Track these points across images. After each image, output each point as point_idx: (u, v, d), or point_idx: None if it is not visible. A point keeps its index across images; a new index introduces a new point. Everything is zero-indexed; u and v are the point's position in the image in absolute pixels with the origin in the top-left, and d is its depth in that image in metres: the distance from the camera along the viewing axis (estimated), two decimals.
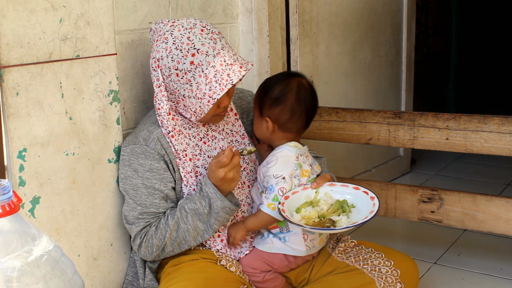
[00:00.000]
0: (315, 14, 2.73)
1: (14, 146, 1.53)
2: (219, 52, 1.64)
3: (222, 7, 2.18)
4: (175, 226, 1.68)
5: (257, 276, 1.79)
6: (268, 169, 1.73)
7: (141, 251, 1.72)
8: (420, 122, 2.12)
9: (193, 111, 1.68)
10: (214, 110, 1.70)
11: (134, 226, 1.72)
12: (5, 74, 1.49)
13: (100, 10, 1.70)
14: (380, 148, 3.21)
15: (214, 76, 1.62)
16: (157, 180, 1.70)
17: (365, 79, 3.15)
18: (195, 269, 1.69)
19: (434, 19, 4.61)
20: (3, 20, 1.48)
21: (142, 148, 1.70)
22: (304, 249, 1.78)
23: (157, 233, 1.69)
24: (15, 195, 1.01)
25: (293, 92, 1.74)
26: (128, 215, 1.73)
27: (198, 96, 1.64)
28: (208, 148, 1.79)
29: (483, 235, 2.53)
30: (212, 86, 1.62)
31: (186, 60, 1.63)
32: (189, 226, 1.68)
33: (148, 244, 1.70)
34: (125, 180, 1.73)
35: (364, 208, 1.69)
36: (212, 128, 1.80)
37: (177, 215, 1.68)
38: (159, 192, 1.71)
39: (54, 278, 1.00)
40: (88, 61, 1.68)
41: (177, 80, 1.65)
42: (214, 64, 1.62)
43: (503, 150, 1.99)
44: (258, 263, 1.79)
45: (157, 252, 1.71)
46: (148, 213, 1.70)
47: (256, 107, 1.79)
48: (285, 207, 1.67)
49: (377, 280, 1.71)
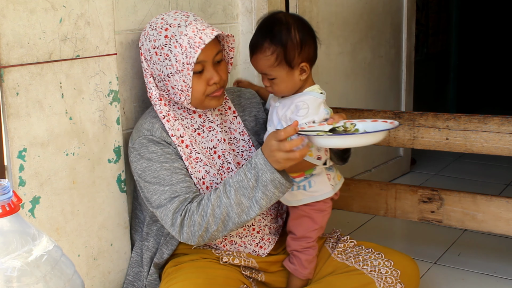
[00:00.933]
0: (315, 14, 2.73)
1: (14, 146, 1.53)
2: (191, 23, 1.65)
3: (222, 7, 2.18)
4: (217, 201, 1.58)
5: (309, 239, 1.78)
6: (300, 117, 1.67)
7: (183, 232, 1.60)
8: (420, 122, 2.13)
9: (180, 90, 1.65)
10: (203, 87, 1.66)
11: (170, 205, 1.61)
12: (5, 74, 1.49)
13: (100, 10, 1.70)
14: (380, 148, 3.21)
15: (188, 43, 1.62)
16: (173, 160, 1.67)
17: (365, 79, 3.15)
18: (195, 269, 1.68)
19: (434, 19, 4.61)
20: (3, 20, 1.48)
21: (148, 137, 1.69)
22: (329, 189, 1.78)
23: (199, 209, 1.58)
24: (15, 195, 1.01)
25: (297, 23, 1.70)
26: (159, 201, 1.64)
27: (179, 69, 1.63)
28: (203, 140, 1.77)
29: (483, 235, 2.53)
30: (187, 53, 1.61)
31: (160, 36, 1.65)
32: (232, 200, 1.57)
33: (190, 223, 1.59)
34: (144, 173, 1.67)
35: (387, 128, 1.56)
36: (210, 119, 1.78)
37: (220, 189, 1.59)
38: (180, 170, 1.67)
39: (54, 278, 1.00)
40: (88, 61, 1.68)
41: (157, 59, 1.66)
42: (187, 33, 1.63)
43: (503, 150, 1.99)
44: (302, 221, 1.78)
45: (200, 232, 1.59)
46: (177, 191, 1.63)
47: (282, 65, 1.68)
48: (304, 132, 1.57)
49: (376, 280, 1.71)
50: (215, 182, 1.74)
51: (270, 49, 1.68)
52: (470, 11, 5.00)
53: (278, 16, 1.74)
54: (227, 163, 1.78)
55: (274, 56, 1.68)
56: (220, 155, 1.78)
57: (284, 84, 1.72)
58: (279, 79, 1.71)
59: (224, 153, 1.79)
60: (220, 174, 1.76)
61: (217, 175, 1.75)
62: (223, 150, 1.79)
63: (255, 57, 1.72)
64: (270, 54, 1.68)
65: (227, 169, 1.78)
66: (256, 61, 1.73)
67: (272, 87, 1.74)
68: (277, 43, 1.68)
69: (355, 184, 2.33)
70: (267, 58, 1.69)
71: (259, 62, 1.71)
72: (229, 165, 1.78)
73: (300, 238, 1.79)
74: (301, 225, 1.78)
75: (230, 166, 1.78)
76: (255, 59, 1.72)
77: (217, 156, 1.78)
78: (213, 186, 1.73)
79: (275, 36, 1.68)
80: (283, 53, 1.68)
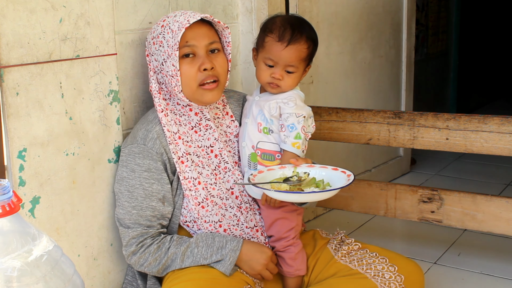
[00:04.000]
0: (315, 14, 2.73)
1: (14, 146, 1.53)
2: (186, 12, 1.72)
3: (222, 7, 2.18)
4: (172, 256, 1.69)
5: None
6: (291, 108, 1.74)
7: (133, 259, 1.71)
8: (420, 122, 2.12)
9: (171, 75, 1.68)
10: (193, 73, 1.68)
11: (130, 231, 1.70)
12: (5, 74, 1.49)
13: (100, 10, 1.70)
14: (380, 148, 3.21)
15: (177, 28, 1.66)
16: (155, 180, 1.69)
17: (365, 79, 3.15)
18: (198, 269, 1.68)
19: (434, 19, 4.61)
20: (3, 20, 1.48)
21: (140, 147, 1.70)
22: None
23: (155, 254, 1.69)
24: (15, 195, 1.01)
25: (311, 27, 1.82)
26: (123, 218, 1.71)
27: (169, 53, 1.67)
28: (199, 138, 1.77)
29: (483, 235, 2.53)
30: (174, 35, 1.66)
31: (158, 26, 1.73)
32: (183, 264, 1.69)
33: (142, 257, 1.69)
34: (121, 181, 1.72)
35: (339, 185, 1.65)
36: (207, 117, 1.78)
37: (182, 248, 1.69)
38: (156, 193, 1.70)
39: (54, 278, 1.00)
40: (88, 61, 1.68)
41: (155, 49, 1.72)
42: (178, 19, 1.68)
43: (503, 150, 1.99)
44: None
45: (145, 268, 1.71)
46: (143, 217, 1.69)
47: (306, 61, 1.79)
48: (256, 179, 1.67)
49: (380, 285, 1.68)
50: (209, 183, 1.75)
51: (307, 43, 1.77)
52: (470, 11, 5.00)
53: (295, 16, 1.85)
54: (224, 163, 1.79)
55: (309, 50, 1.79)
56: (217, 154, 1.78)
57: (297, 79, 1.80)
58: (296, 74, 1.79)
59: (221, 152, 1.79)
60: (215, 174, 1.77)
61: (210, 176, 1.75)
62: (220, 149, 1.79)
63: (291, 47, 1.75)
64: (307, 47, 1.77)
65: (224, 168, 1.79)
66: (291, 51, 1.76)
67: (284, 80, 1.78)
68: (311, 40, 1.79)
69: (355, 184, 2.32)
70: (303, 50, 1.77)
71: (295, 53, 1.76)
72: (226, 165, 1.79)
73: (279, 239, 1.80)
74: (278, 227, 1.79)
75: (227, 166, 1.79)
76: (291, 50, 1.75)
77: (214, 155, 1.78)
78: (207, 187, 1.74)
79: (311, 32, 1.80)
80: (312, 50, 1.79)
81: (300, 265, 1.81)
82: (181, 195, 1.74)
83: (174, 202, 1.74)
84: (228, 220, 1.76)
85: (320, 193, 1.61)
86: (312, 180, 1.68)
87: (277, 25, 1.77)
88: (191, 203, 1.72)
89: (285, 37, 1.75)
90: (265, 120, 1.77)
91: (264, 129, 1.77)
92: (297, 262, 1.80)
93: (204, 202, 1.73)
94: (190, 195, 1.71)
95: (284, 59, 1.75)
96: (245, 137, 1.80)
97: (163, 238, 1.71)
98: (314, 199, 1.68)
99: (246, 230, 1.78)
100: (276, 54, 1.76)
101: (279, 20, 1.79)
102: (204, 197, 1.73)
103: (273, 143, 1.77)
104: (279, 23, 1.77)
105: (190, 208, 1.72)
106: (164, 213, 1.72)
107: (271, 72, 1.77)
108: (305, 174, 1.69)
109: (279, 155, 1.77)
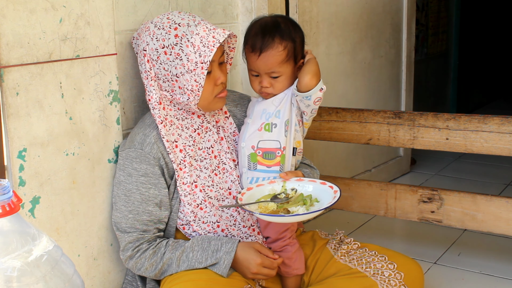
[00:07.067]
0: (315, 14, 2.73)
1: (14, 146, 1.53)
2: (199, 22, 1.66)
3: (222, 7, 2.18)
4: (168, 261, 1.68)
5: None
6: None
7: (130, 263, 1.71)
8: (420, 122, 2.13)
9: (190, 90, 1.65)
10: (212, 88, 1.68)
11: (127, 236, 1.70)
12: (5, 74, 1.49)
13: (100, 10, 1.70)
14: (380, 148, 3.21)
15: (200, 42, 1.62)
16: (152, 185, 1.69)
17: (365, 79, 3.15)
18: (198, 270, 1.68)
19: (434, 19, 4.61)
20: (3, 20, 1.48)
21: (137, 152, 1.69)
22: None
23: (151, 259, 1.68)
24: (15, 195, 1.01)
25: (292, 22, 1.80)
26: (119, 222, 1.71)
27: (190, 69, 1.63)
28: (201, 140, 1.78)
29: (483, 235, 2.53)
30: (201, 52, 1.62)
31: (170, 35, 1.64)
32: (179, 269, 1.68)
33: (138, 262, 1.69)
34: (119, 185, 1.72)
35: (327, 202, 1.67)
36: (207, 120, 1.79)
37: (177, 253, 1.68)
38: (153, 198, 1.69)
39: (54, 278, 1.00)
40: (88, 61, 1.68)
41: (166, 59, 1.65)
42: (198, 32, 1.64)
43: (503, 150, 1.99)
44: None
45: (142, 272, 1.71)
46: (140, 221, 1.69)
47: (290, 61, 1.75)
48: (244, 197, 1.68)
49: (379, 283, 1.69)
50: (206, 185, 1.75)
51: (282, 45, 1.73)
52: (470, 11, 5.00)
53: (271, 18, 1.81)
54: (222, 164, 1.80)
55: (286, 51, 1.74)
56: (216, 155, 1.80)
57: (287, 81, 1.77)
58: (284, 76, 1.76)
59: (220, 153, 1.80)
60: (215, 175, 1.78)
61: (207, 178, 1.76)
62: (219, 150, 1.80)
63: (264, 55, 1.73)
64: (282, 50, 1.73)
65: (222, 169, 1.80)
66: (265, 59, 1.74)
67: (273, 87, 1.77)
68: (288, 39, 1.74)
69: (355, 184, 2.33)
70: (280, 53, 1.73)
71: (269, 60, 1.74)
72: (224, 166, 1.80)
73: (275, 240, 1.80)
74: (273, 228, 1.80)
75: (225, 167, 1.80)
76: (265, 57, 1.74)
77: (214, 156, 1.79)
78: (205, 189, 1.74)
79: (284, 32, 1.75)
80: (293, 48, 1.75)
81: (298, 264, 1.81)
82: (178, 199, 1.74)
83: (171, 206, 1.74)
84: (225, 220, 1.76)
85: (304, 215, 1.63)
86: (300, 197, 1.71)
87: (251, 34, 1.78)
88: (187, 207, 1.72)
89: (256, 46, 1.74)
90: (268, 115, 1.78)
91: (265, 126, 1.78)
92: (294, 261, 1.80)
93: (202, 204, 1.73)
94: (186, 200, 1.72)
95: (263, 68, 1.75)
96: (245, 138, 1.80)
97: (159, 243, 1.71)
98: (299, 219, 1.68)
99: (243, 229, 1.78)
100: (254, 65, 1.76)
101: (254, 28, 1.79)
102: (202, 199, 1.73)
103: (274, 140, 1.77)
104: (253, 31, 1.78)
105: (186, 212, 1.72)
106: (161, 217, 1.72)
107: (259, 81, 1.78)
108: (292, 191, 1.72)
109: (279, 152, 1.77)
